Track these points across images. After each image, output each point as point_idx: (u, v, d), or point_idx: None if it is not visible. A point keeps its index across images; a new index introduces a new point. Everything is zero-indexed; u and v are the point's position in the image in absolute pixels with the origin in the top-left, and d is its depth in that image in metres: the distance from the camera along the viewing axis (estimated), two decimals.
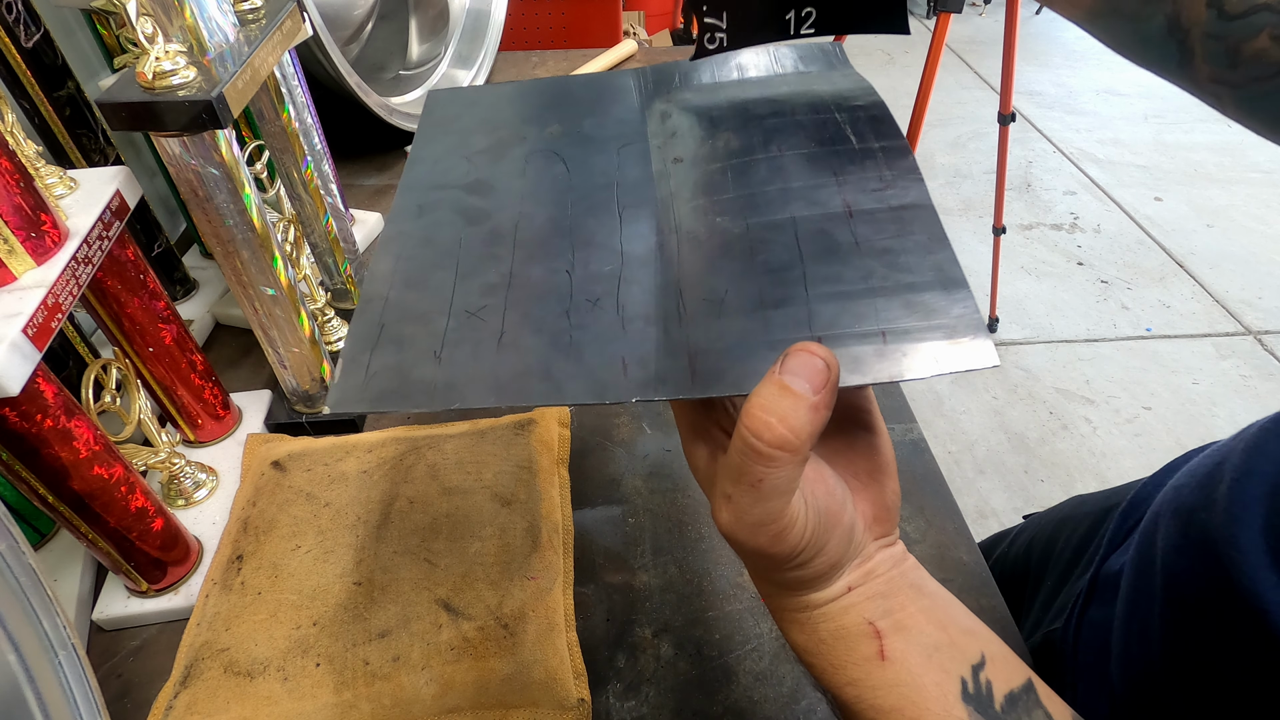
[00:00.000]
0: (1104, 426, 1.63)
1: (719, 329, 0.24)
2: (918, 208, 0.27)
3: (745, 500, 0.21)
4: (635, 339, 0.24)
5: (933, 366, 0.22)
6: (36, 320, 0.29)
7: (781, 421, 0.19)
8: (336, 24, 0.75)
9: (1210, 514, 0.31)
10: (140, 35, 0.32)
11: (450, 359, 0.24)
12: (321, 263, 0.55)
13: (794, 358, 0.20)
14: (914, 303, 0.24)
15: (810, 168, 0.30)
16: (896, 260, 0.26)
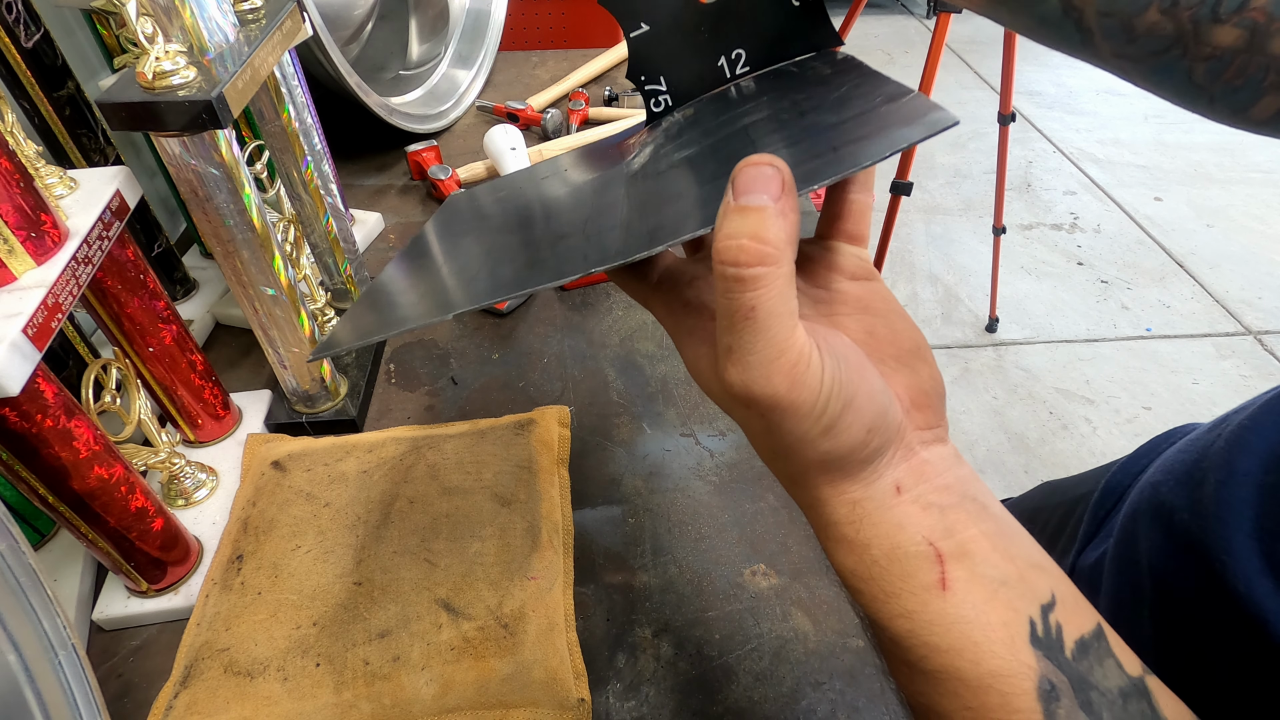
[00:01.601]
0: (1104, 426, 1.63)
1: (677, 207, 0.24)
2: (863, 75, 0.28)
3: (746, 339, 0.19)
4: (597, 243, 0.25)
5: (887, 145, 0.21)
6: (36, 320, 0.29)
7: (752, 238, 0.18)
8: (336, 24, 0.75)
9: (1196, 517, 0.30)
10: (140, 35, 0.32)
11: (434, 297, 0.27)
12: (321, 263, 0.55)
13: (740, 176, 0.19)
14: (864, 119, 0.24)
15: (764, 100, 0.30)
16: (846, 103, 0.26)
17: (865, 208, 0.26)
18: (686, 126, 0.31)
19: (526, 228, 0.31)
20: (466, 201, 0.38)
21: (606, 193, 0.30)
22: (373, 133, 0.77)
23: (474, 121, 0.86)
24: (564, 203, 0.32)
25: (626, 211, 0.26)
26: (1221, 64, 0.25)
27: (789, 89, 0.30)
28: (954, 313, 1.95)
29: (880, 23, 3.67)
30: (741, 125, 0.28)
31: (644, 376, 0.53)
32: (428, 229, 0.36)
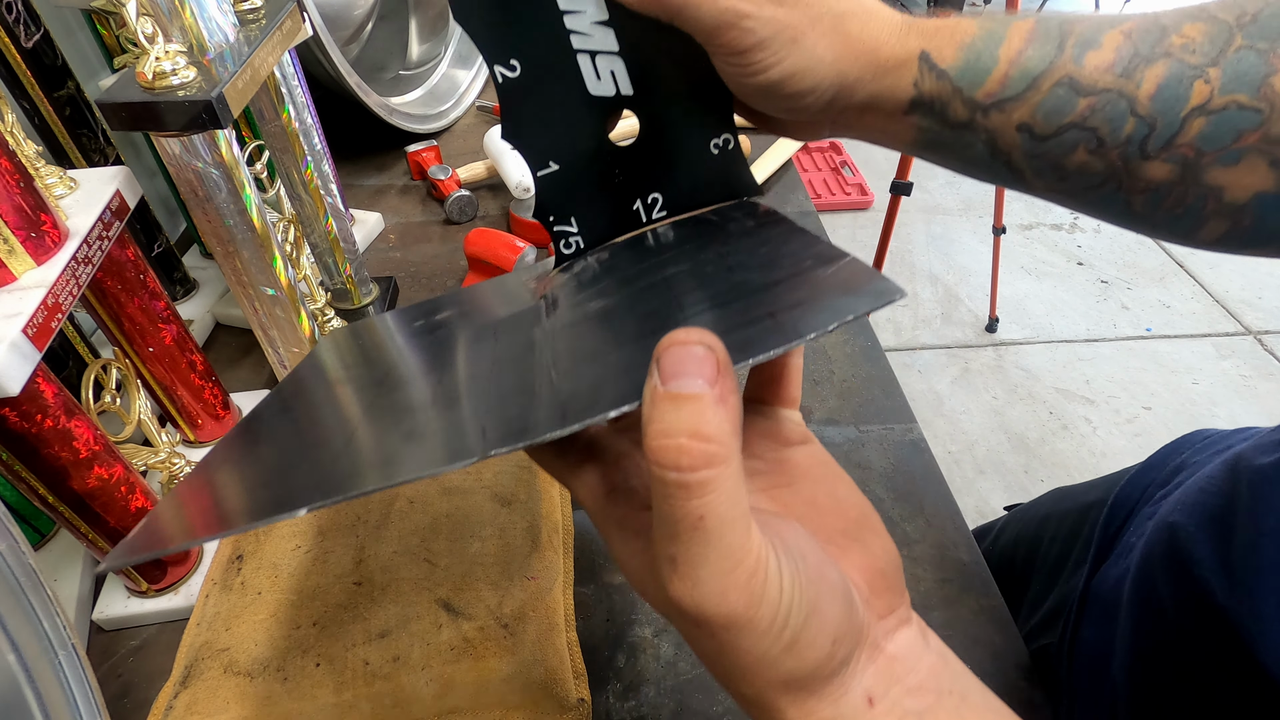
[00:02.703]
0: (1104, 426, 1.63)
1: (592, 373, 0.21)
2: (789, 230, 0.26)
3: (695, 551, 0.16)
4: (497, 410, 0.22)
5: (832, 316, 0.19)
6: (36, 320, 0.29)
7: (692, 436, 0.16)
8: (336, 24, 0.75)
9: (1222, 577, 0.29)
10: (140, 35, 0.32)
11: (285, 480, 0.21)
12: (321, 263, 0.55)
13: (667, 357, 0.16)
14: (799, 284, 0.22)
15: (685, 247, 0.29)
16: (776, 263, 0.24)
17: (798, 369, 0.25)
18: (602, 273, 0.29)
19: (413, 382, 0.27)
20: (350, 339, 0.33)
21: (512, 344, 0.27)
22: (373, 133, 0.77)
23: (474, 121, 0.86)
24: (462, 352, 0.28)
25: (535, 372, 0.23)
26: (1159, 195, 0.25)
27: (711, 240, 0.28)
28: (954, 313, 1.95)
29: None
30: (662, 277, 0.26)
31: None
32: (301, 369, 0.32)
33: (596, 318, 0.26)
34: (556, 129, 0.29)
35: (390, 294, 0.59)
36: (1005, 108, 0.26)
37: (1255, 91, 0.23)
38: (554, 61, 0.28)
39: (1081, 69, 0.24)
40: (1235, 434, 0.42)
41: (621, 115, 0.29)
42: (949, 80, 0.26)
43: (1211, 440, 0.43)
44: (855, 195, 2.31)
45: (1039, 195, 0.28)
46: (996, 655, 0.38)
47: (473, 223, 0.70)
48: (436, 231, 0.69)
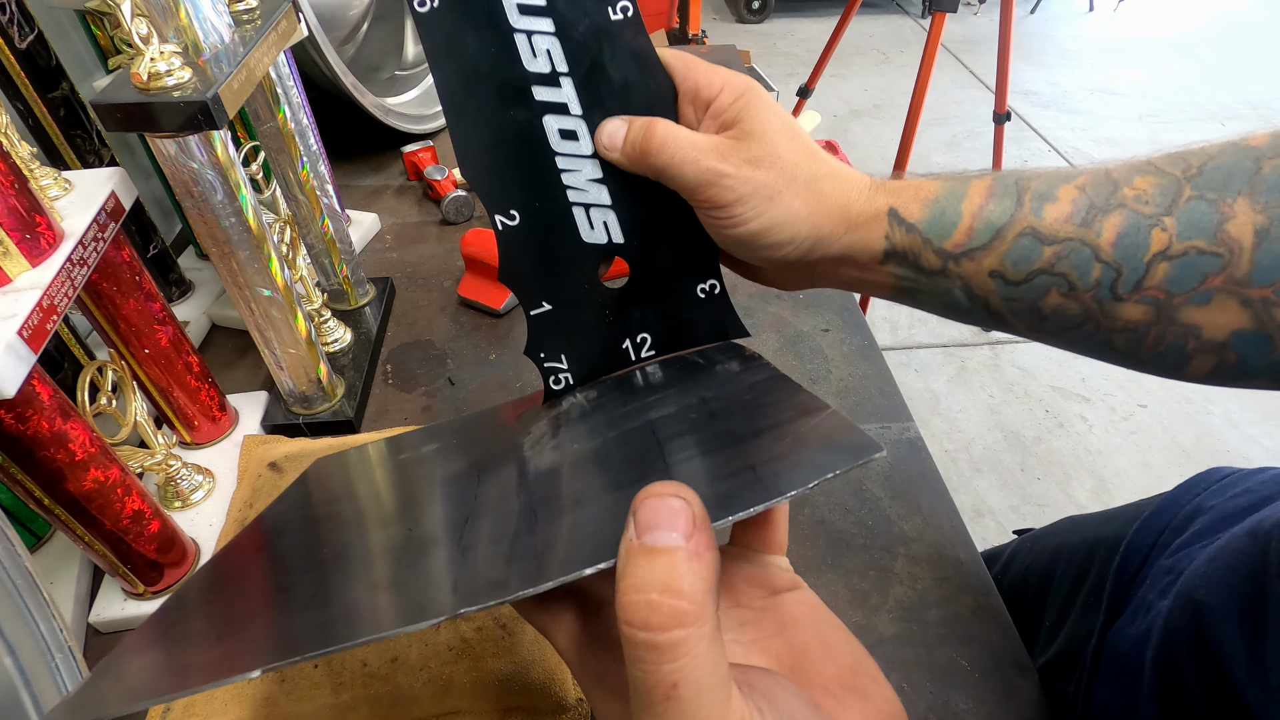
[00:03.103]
0: (1100, 425, 1.63)
1: (571, 522, 0.21)
2: (772, 379, 0.27)
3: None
4: (474, 562, 0.21)
5: (814, 474, 0.19)
6: (32, 322, 0.29)
7: (664, 592, 0.15)
8: (332, 24, 0.75)
9: (1252, 676, 0.29)
10: (135, 36, 0.32)
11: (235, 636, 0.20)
12: (318, 263, 0.55)
13: (644, 509, 0.16)
14: (780, 435, 0.22)
15: (668, 390, 0.29)
16: (757, 412, 0.25)
17: (784, 514, 0.24)
18: (589, 412, 0.30)
19: (391, 523, 0.26)
20: (339, 468, 0.33)
21: (494, 485, 0.26)
22: (369, 133, 0.77)
23: None
24: (444, 491, 0.28)
25: (515, 518, 0.23)
26: (1138, 335, 0.26)
27: (696, 382, 0.29)
28: None
29: (875, 22, 3.68)
30: (647, 420, 0.27)
31: None
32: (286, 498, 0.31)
33: (581, 461, 0.26)
34: (551, 273, 0.30)
35: (387, 294, 0.59)
36: (975, 256, 0.27)
37: (1212, 238, 0.24)
38: (551, 212, 0.29)
39: (1042, 221, 0.26)
40: (1254, 475, 0.41)
41: (613, 261, 0.31)
42: (918, 233, 0.27)
43: (1229, 482, 0.42)
44: None
45: (1026, 337, 0.29)
46: (995, 653, 0.38)
47: (469, 223, 0.70)
48: (433, 232, 0.69)
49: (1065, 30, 3.59)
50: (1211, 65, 3.22)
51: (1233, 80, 3.09)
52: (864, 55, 3.34)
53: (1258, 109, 2.88)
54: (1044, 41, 3.47)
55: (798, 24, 3.64)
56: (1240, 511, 0.38)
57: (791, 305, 0.59)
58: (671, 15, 2.42)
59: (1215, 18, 3.69)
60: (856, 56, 3.31)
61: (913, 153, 1.39)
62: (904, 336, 1.88)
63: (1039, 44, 3.43)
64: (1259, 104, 2.92)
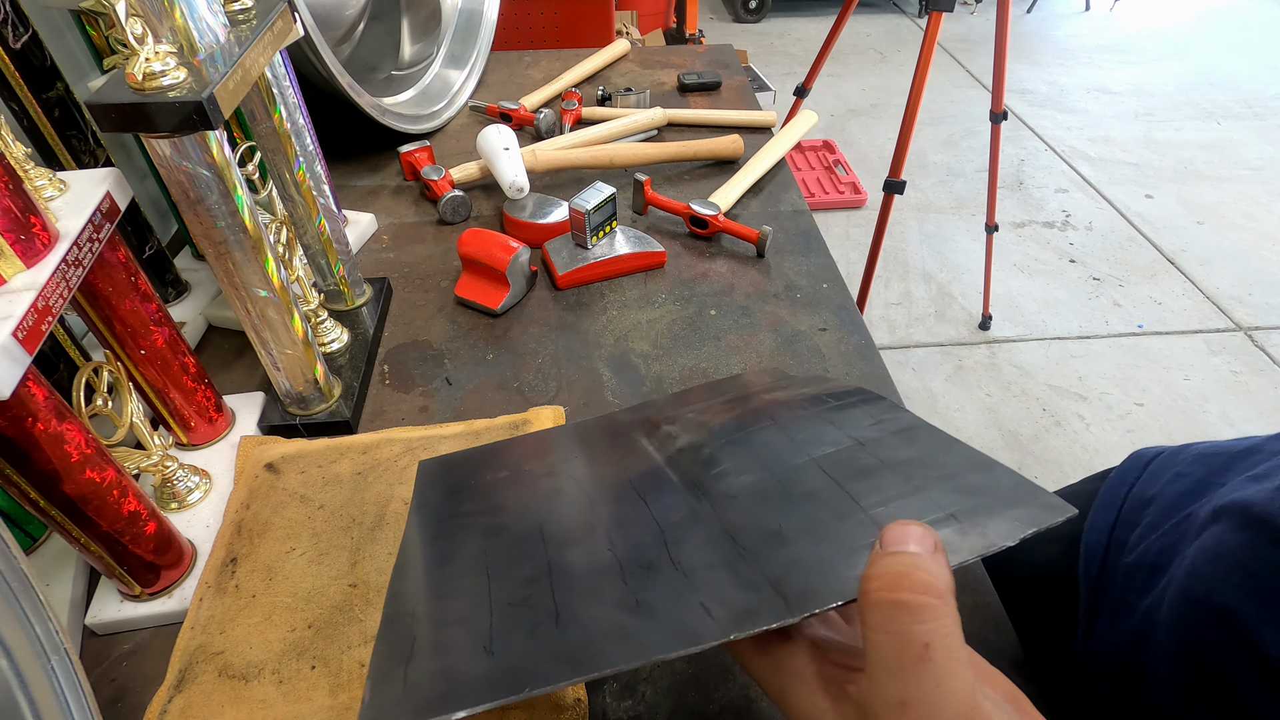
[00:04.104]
0: (1097, 423, 1.63)
1: (789, 555, 0.23)
2: (917, 427, 0.29)
3: (926, 690, 0.15)
4: (705, 585, 0.22)
5: (1016, 530, 0.21)
6: (27, 323, 0.29)
7: (913, 567, 0.16)
8: (328, 24, 0.75)
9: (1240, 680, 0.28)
10: (130, 36, 0.32)
11: (505, 648, 0.22)
12: (315, 264, 0.55)
13: (891, 532, 0.18)
14: (963, 487, 0.24)
15: (808, 424, 0.31)
16: (924, 462, 0.26)
17: None
18: (721, 445, 0.31)
19: (581, 539, 0.27)
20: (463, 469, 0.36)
21: (663, 506, 0.28)
22: (365, 133, 0.77)
23: (467, 122, 0.86)
24: (613, 509, 0.29)
25: (718, 545, 0.24)
26: None
27: (839, 422, 0.30)
28: (947, 310, 1.95)
29: (873, 22, 3.68)
30: (809, 457, 0.28)
31: (638, 376, 0.53)
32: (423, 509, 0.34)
33: (756, 494, 0.27)
34: None
35: (384, 295, 0.59)
36: None
37: None
38: None
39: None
40: (1178, 456, 0.41)
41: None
42: None
43: (1159, 465, 0.41)
44: (849, 194, 2.32)
45: None
46: (993, 652, 0.38)
47: (466, 223, 0.70)
48: (430, 232, 0.69)
49: (1062, 30, 3.60)
50: (1207, 64, 3.23)
51: (1228, 79, 3.10)
52: (861, 55, 3.34)
53: (1253, 107, 2.89)
54: (1040, 41, 3.47)
55: (795, 23, 3.64)
56: (1181, 497, 0.38)
57: (789, 305, 0.59)
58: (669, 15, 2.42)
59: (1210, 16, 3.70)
60: (854, 56, 3.31)
61: (910, 152, 1.39)
62: (901, 336, 1.88)
63: (1036, 43, 3.44)
64: (1254, 102, 2.92)
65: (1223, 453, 0.39)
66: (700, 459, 0.30)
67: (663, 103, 0.87)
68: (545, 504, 0.31)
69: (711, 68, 0.96)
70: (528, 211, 0.66)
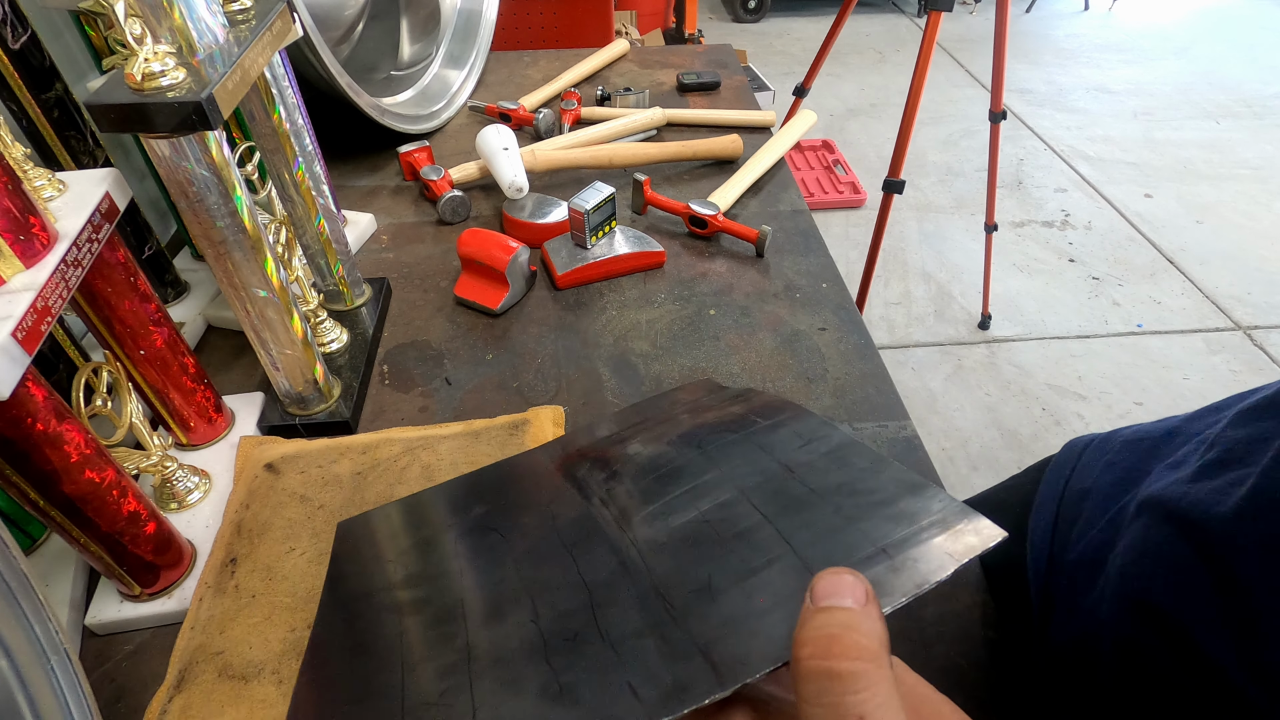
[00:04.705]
0: (1096, 422, 1.63)
1: (719, 613, 0.22)
2: (846, 446, 0.28)
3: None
4: (633, 659, 0.21)
5: (949, 562, 0.21)
6: (26, 323, 0.29)
7: (844, 629, 0.16)
8: (327, 24, 0.75)
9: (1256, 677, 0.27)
10: (129, 36, 0.32)
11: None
12: (314, 264, 0.55)
13: (819, 583, 0.18)
14: (893, 514, 0.23)
15: (736, 450, 0.31)
16: (854, 488, 0.25)
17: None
18: (658, 478, 0.30)
19: (504, 612, 0.26)
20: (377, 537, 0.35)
21: (592, 563, 0.27)
22: (364, 134, 0.77)
23: (466, 122, 0.86)
24: (536, 571, 0.28)
25: (647, 606, 0.23)
26: None
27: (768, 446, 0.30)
28: (947, 310, 1.95)
29: (872, 21, 3.68)
30: (738, 490, 0.27)
31: (638, 375, 0.53)
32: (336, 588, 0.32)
33: (683, 537, 0.26)
34: None
35: (383, 295, 0.59)
36: None
37: None
38: None
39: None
40: (1110, 441, 0.40)
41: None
42: None
43: (1091, 453, 0.41)
44: (848, 194, 2.32)
45: None
46: (991, 651, 0.38)
47: (465, 223, 0.70)
48: (429, 232, 0.69)
49: (1061, 29, 3.60)
50: (1206, 63, 3.23)
51: (1227, 78, 3.10)
52: (860, 54, 3.34)
53: (1251, 106, 2.89)
54: (1040, 40, 3.47)
55: (794, 23, 3.64)
56: (1113, 487, 0.38)
57: (789, 304, 0.59)
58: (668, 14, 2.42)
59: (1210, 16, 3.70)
60: (853, 56, 3.31)
61: (909, 152, 1.40)
62: (901, 335, 1.88)
63: (1035, 43, 3.44)
64: (1253, 101, 2.93)
65: (1146, 437, 0.39)
66: (628, 498, 0.30)
67: (662, 103, 0.87)
68: (468, 570, 0.29)
69: (710, 68, 0.96)
70: (527, 211, 0.66)
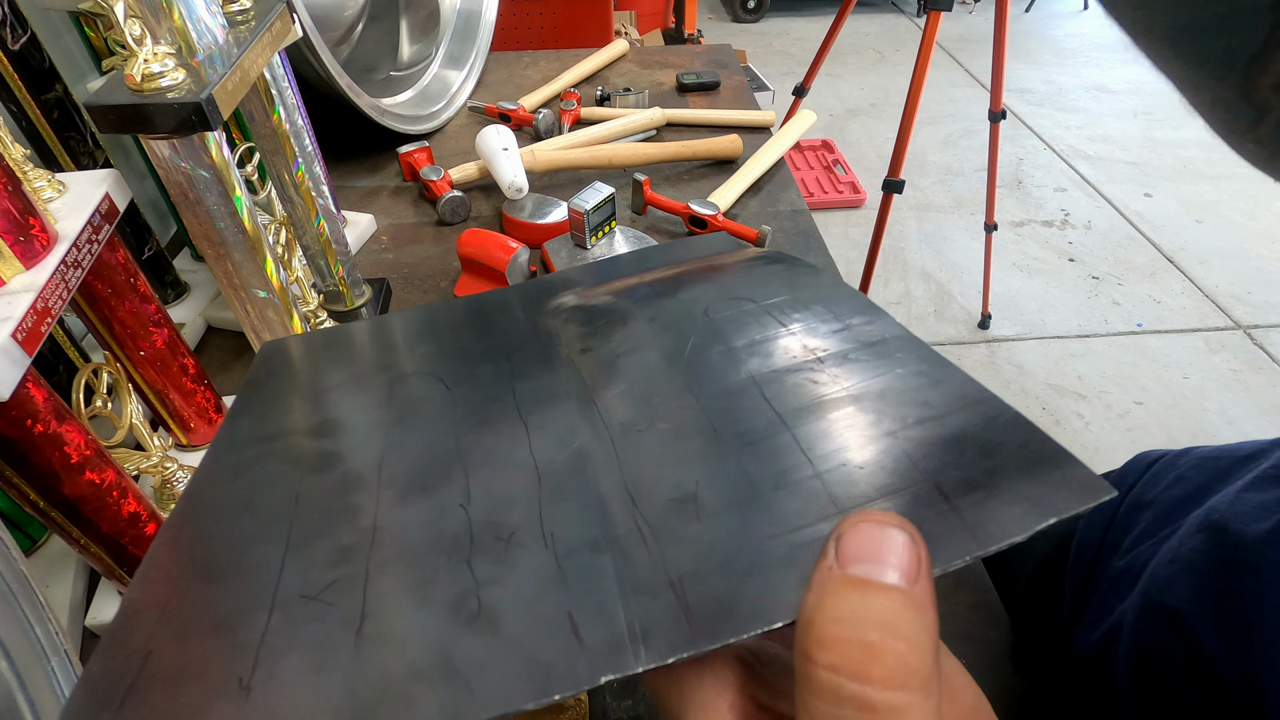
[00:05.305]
0: (1096, 422, 1.63)
1: (703, 537, 0.16)
2: (894, 339, 0.21)
3: None
4: (581, 579, 0.16)
5: (1034, 517, 0.15)
6: (26, 324, 0.29)
7: (887, 633, 0.12)
8: (327, 25, 0.75)
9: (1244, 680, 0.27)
10: (128, 37, 0.32)
11: (268, 684, 0.15)
12: (314, 264, 0.55)
13: (852, 535, 0.13)
14: (955, 439, 0.17)
15: (749, 323, 0.23)
16: (903, 396, 0.19)
17: None
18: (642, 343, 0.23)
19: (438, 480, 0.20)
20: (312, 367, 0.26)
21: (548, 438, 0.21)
22: (364, 134, 0.77)
23: (466, 122, 0.86)
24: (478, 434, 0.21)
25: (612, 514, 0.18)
26: None
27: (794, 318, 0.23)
28: (946, 310, 1.95)
29: (871, 21, 3.68)
30: (749, 375, 0.21)
31: None
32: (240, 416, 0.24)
33: (670, 426, 0.20)
34: None
35: (383, 295, 0.59)
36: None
37: None
38: None
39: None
40: (1182, 459, 0.40)
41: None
42: None
43: (1161, 468, 0.41)
44: (847, 194, 2.32)
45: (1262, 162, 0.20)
46: (992, 651, 0.38)
47: (465, 224, 0.70)
48: (429, 233, 0.69)
49: (1060, 28, 3.60)
50: None
51: None
52: (860, 54, 3.34)
53: None
54: (1039, 40, 3.47)
55: (793, 23, 3.64)
56: (1180, 502, 0.37)
57: None
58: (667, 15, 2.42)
59: None
60: (852, 55, 3.31)
61: (909, 151, 1.40)
62: None
63: (1034, 42, 3.44)
64: None
65: (1224, 457, 0.38)
66: (605, 363, 0.23)
67: (661, 103, 0.87)
68: (396, 426, 0.23)
69: (710, 68, 0.96)
70: (527, 212, 0.66)
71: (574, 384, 0.23)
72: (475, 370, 0.25)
